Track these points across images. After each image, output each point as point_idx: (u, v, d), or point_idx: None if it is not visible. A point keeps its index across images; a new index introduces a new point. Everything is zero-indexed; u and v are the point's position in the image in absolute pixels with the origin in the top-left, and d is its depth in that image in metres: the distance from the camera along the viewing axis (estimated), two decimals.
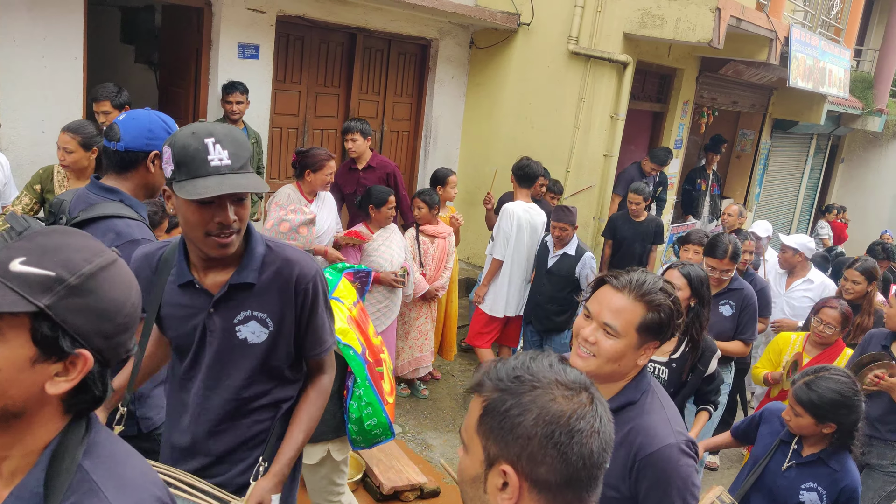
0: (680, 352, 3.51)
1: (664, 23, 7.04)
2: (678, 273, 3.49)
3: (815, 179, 14.92)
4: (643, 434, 1.90)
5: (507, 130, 7.78)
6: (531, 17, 7.45)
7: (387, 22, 6.76)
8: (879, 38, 14.09)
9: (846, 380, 2.81)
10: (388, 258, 4.98)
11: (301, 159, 4.79)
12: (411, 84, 7.52)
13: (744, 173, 11.77)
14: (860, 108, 12.88)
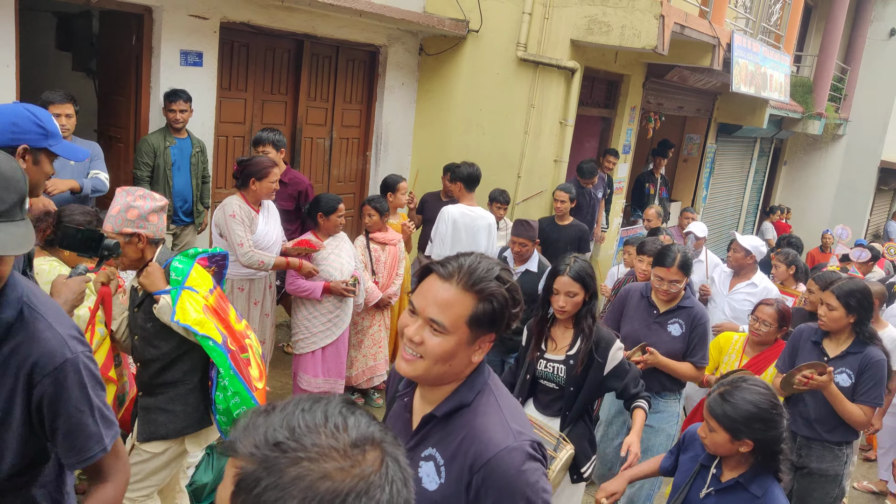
0: (576, 348, 3.35)
1: (610, 29, 7.12)
2: (568, 278, 3.30)
3: (760, 181, 15.27)
4: (477, 440, 1.66)
5: (459, 137, 7.76)
6: (480, 23, 7.45)
7: (334, 28, 6.69)
8: (818, 44, 14.51)
9: (764, 391, 2.52)
10: (337, 267, 4.90)
11: (244, 168, 4.68)
12: (361, 91, 7.45)
13: (691, 177, 11.98)
14: (801, 112, 13.23)
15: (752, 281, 5.68)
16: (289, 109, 6.77)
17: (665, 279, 3.98)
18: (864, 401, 3.76)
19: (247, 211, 4.65)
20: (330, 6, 5.90)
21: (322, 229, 4.96)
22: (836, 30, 13.85)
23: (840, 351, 3.86)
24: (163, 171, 5.44)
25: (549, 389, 3.44)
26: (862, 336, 3.82)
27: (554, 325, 3.46)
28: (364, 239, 5.42)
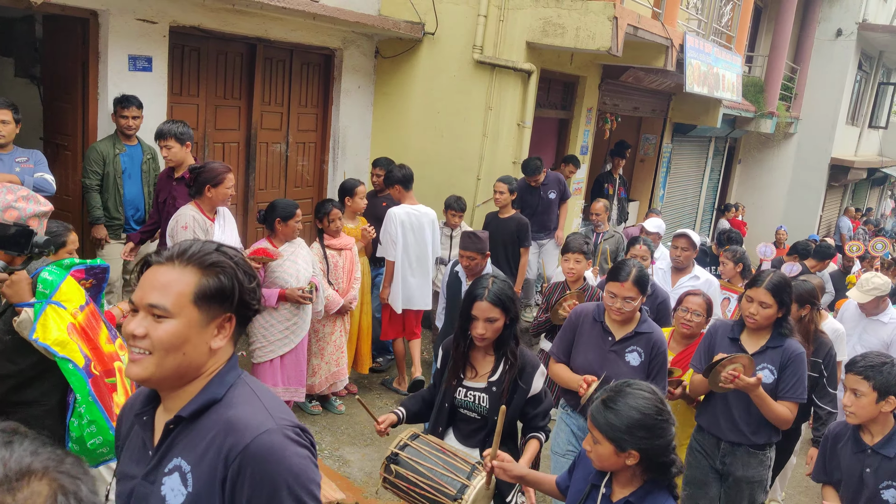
0: (499, 373, 3.09)
1: (565, 31, 7.14)
2: (487, 304, 3.02)
3: (715, 180, 15.51)
4: (231, 430, 1.49)
5: (417, 140, 7.73)
6: (435, 26, 7.43)
7: (288, 32, 6.60)
8: (768, 44, 14.79)
9: (650, 396, 2.29)
10: (293, 273, 4.82)
11: (197, 175, 4.58)
12: (316, 94, 7.37)
13: (648, 176, 12.11)
14: (753, 111, 13.47)
15: (693, 274, 5.70)
16: (243, 114, 6.66)
17: (618, 296, 3.53)
18: (788, 397, 3.56)
19: (201, 221, 4.55)
20: (282, 9, 5.81)
21: (279, 235, 4.88)
22: (786, 30, 14.14)
23: (759, 346, 3.64)
24: (113, 180, 5.30)
25: (469, 419, 3.17)
26: (782, 329, 3.63)
27: (473, 349, 3.16)
28: (319, 246, 5.34)
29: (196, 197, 4.59)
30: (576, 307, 3.88)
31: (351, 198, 5.78)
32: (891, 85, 20.55)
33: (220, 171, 4.59)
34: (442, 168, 7.60)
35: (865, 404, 3.08)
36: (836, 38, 16.07)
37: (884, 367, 3.07)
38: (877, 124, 20.38)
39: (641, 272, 3.58)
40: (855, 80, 17.34)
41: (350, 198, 5.78)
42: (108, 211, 5.37)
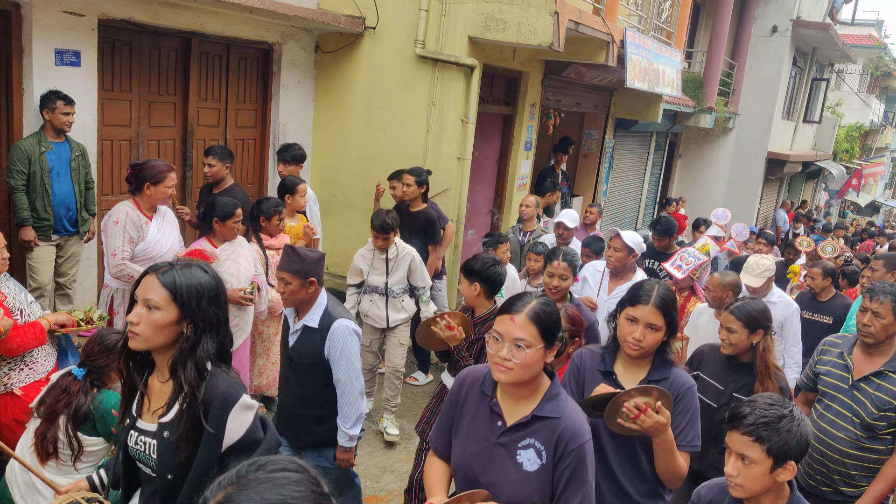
0: (173, 412, 2.10)
1: (507, 26, 7.13)
2: None
3: (657, 174, 15.76)
4: None
5: (359, 135, 7.63)
6: (376, 20, 7.34)
7: (224, 26, 6.43)
8: (706, 40, 15.09)
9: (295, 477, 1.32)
10: (234, 273, 4.69)
11: (138, 172, 4.43)
12: (255, 90, 7.21)
13: (591, 172, 12.22)
14: (692, 106, 13.72)
15: (635, 280, 4.94)
16: (178, 111, 6.48)
17: (504, 338, 2.26)
18: (682, 445, 2.72)
19: (136, 218, 4.40)
20: (218, 2, 5.67)
21: (217, 235, 4.74)
22: (723, 27, 14.44)
23: (640, 379, 2.80)
24: (40, 179, 5.09)
25: (147, 477, 2.20)
26: (665, 356, 2.83)
27: (152, 373, 2.21)
28: (258, 246, 5.21)
29: (135, 194, 4.47)
30: (463, 372, 2.53)
31: (291, 196, 5.66)
32: (824, 81, 21.19)
33: (161, 170, 4.47)
34: (385, 165, 7.52)
35: (757, 475, 2.28)
36: (771, 35, 16.49)
37: (781, 422, 2.28)
38: (811, 119, 20.99)
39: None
40: (790, 76, 17.82)
41: (290, 196, 5.66)
42: (37, 211, 5.15)
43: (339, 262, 8.02)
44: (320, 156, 7.89)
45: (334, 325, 3.47)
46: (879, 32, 30.92)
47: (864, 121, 27.88)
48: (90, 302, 5.42)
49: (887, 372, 3.55)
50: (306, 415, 3.60)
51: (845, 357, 3.72)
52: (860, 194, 27.31)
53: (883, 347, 3.63)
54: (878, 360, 3.61)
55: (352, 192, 7.85)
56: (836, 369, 3.74)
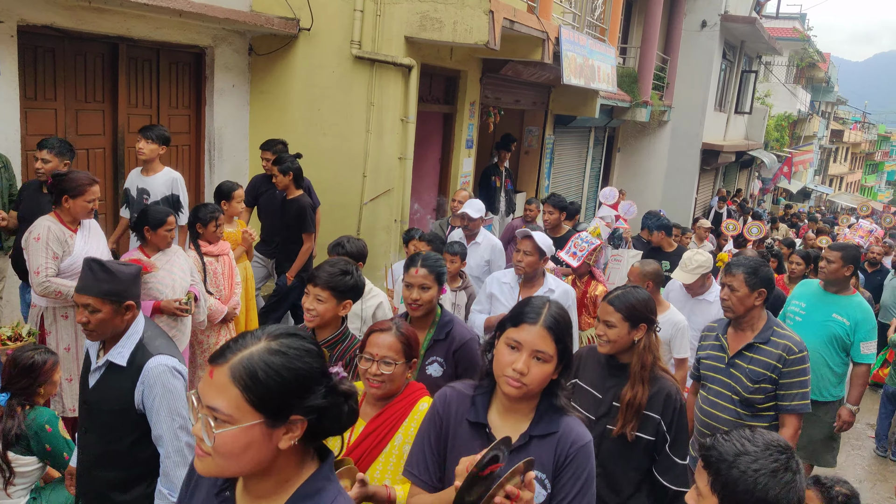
0: None
1: (442, 26, 7.12)
2: None
3: (597, 169, 15.99)
4: None
5: (298, 138, 7.50)
6: (311, 21, 7.23)
7: (152, 30, 6.25)
8: (639, 36, 15.37)
9: None
10: (168, 284, 4.54)
11: (58, 184, 4.26)
12: (187, 95, 7.02)
13: (533, 168, 12.32)
14: (628, 100, 13.95)
15: (548, 287, 4.54)
16: (107, 118, 6.26)
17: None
18: None
19: (58, 233, 4.23)
20: (145, 6, 5.49)
21: (150, 244, 4.59)
22: (655, 22, 14.72)
23: (520, 433, 2.11)
24: None
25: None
26: (554, 400, 2.14)
27: None
28: (196, 253, 5.07)
29: (56, 207, 4.29)
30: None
31: (228, 201, 5.53)
32: (752, 73, 21.82)
33: (81, 183, 4.28)
34: (326, 167, 7.43)
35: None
36: (701, 29, 16.89)
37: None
38: (742, 110, 21.59)
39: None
40: (720, 69, 18.28)
41: (228, 201, 5.53)
42: None
43: None
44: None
45: (149, 363, 2.66)
46: (803, 25, 31.96)
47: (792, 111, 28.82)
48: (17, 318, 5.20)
49: (758, 344, 3.58)
50: (107, 479, 2.72)
51: (720, 338, 3.76)
52: (791, 181, 28.20)
53: (750, 321, 3.64)
54: (749, 334, 3.64)
55: None
56: (714, 351, 3.78)
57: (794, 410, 3.51)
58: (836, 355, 4.98)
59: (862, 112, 54.99)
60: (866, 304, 5.02)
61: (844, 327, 4.91)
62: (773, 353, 3.53)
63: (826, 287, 5.07)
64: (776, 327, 3.61)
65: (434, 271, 3.41)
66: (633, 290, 3.00)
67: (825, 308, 5.02)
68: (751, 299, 3.57)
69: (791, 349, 3.50)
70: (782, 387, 3.50)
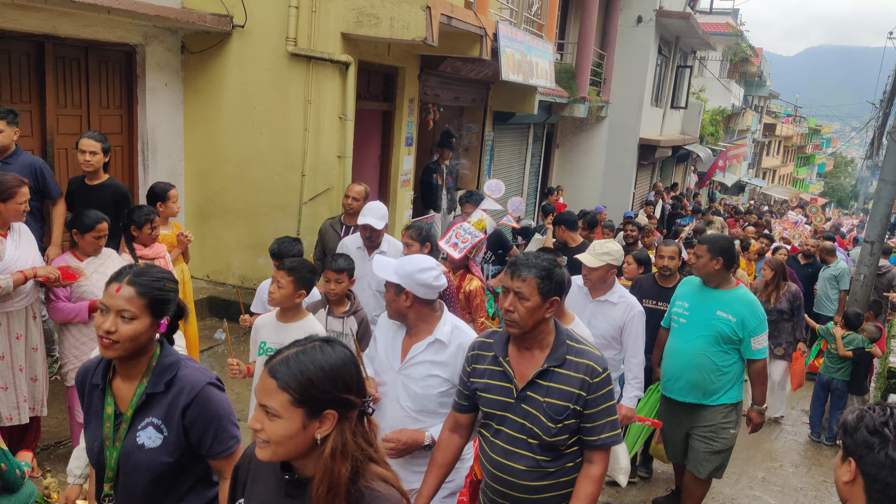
0: None
1: (379, 22, 7.12)
2: None
3: (537, 165, 16.15)
4: None
5: (234, 137, 7.43)
6: (244, 18, 7.16)
7: (79, 28, 6.10)
8: (576, 32, 15.58)
9: None
10: (102, 287, 4.44)
11: None
12: (118, 94, 6.87)
13: (473, 165, 12.39)
14: (566, 97, 14.14)
15: None
16: (35, 119, 6.09)
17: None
18: None
19: None
20: (71, 2, 5.36)
21: (80, 249, 4.49)
22: (592, 18, 14.94)
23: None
24: None
25: None
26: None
27: None
28: (130, 256, 4.98)
29: None
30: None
31: (164, 203, 5.43)
32: (687, 68, 22.32)
33: (10, 185, 4.15)
34: (263, 166, 7.37)
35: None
36: (637, 25, 17.20)
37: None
38: (678, 105, 22.08)
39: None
40: (656, 64, 18.66)
41: (163, 203, 5.43)
42: None
43: (219, 268, 7.80)
44: (193, 159, 7.63)
45: None
46: (735, 20, 32.83)
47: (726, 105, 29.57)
48: None
49: (553, 369, 2.70)
50: None
51: (501, 361, 2.79)
52: (726, 175, 28.98)
53: (538, 338, 2.75)
54: (539, 355, 2.75)
55: (228, 196, 7.63)
56: (496, 380, 2.79)
57: (604, 445, 2.73)
58: (726, 354, 4.51)
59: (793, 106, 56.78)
60: (751, 296, 4.58)
61: (730, 324, 4.45)
62: (573, 377, 2.68)
63: (705, 283, 4.61)
64: (570, 342, 2.76)
65: (147, 294, 2.26)
66: None
67: (708, 305, 4.55)
68: (542, 311, 2.68)
69: (594, 370, 2.69)
70: (589, 418, 2.70)
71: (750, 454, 6.62)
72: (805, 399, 8.10)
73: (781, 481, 6.21)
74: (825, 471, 6.54)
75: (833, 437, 7.11)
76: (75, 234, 4.40)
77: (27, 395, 4.37)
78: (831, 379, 7.23)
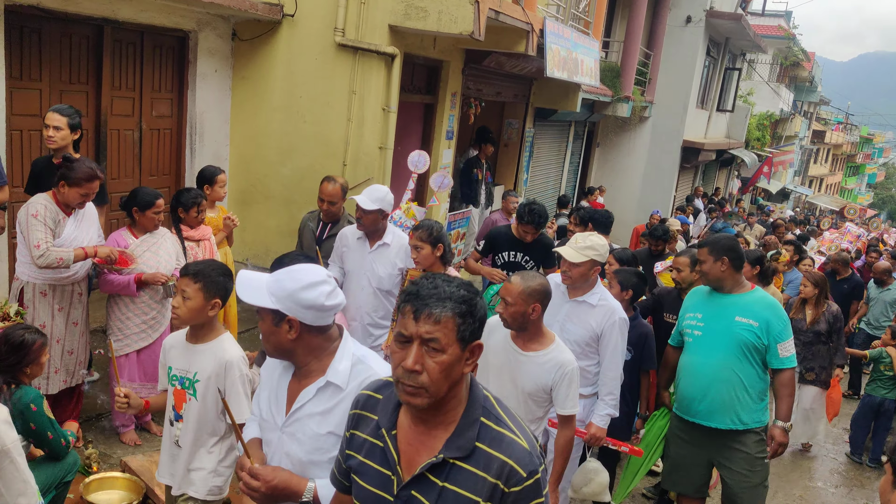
0: None
1: (427, 15, 7.21)
2: None
3: (576, 163, 16.11)
4: None
5: (278, 125, 7.59)
6: (295, 8, 7.30)
7: (137, 13, 6.30)
8: (623, 30, 15.49)
9: None
10: (153, 266, 4.62)
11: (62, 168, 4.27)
12: (170, 79, 7.08)
13: (512, 161, 12.44)
14: (610, 95, 14.08)
15: None
16: (91, 100, 6.32)
17: None
18: None
19: (53, 212, 4.29)
20: None
21: (138, 225, 4.68)
22: (640, 17, 14.84)
23: None
24: None
25: None
26: None
27: None
28: (177, 237, 5.15)
29: (53, 187, 4.33)
30: None
31: (210, 186, 5.61)
32: (736, 70, 21.99)
33: (80, 176, 4.22)
34: (306, 154, 7.52)
35: None
36: (685, 25, 17.00)
37: None
38: (724, 108, 21.78)
39: None
40: (704, 66, 18.44)
41: (210, 186, 5.61)
42: None
43: (259, 253, 7.98)
44: (238, 146, 7.81)
45: None
46: (788, 23, 32.23)
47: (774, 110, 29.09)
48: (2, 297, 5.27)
49: (453, 461, 1.75)
50: None
51: (385, 436, 1.85)
52: (771, 181, 28.52)
53: (443, 408, 1.78)
54: (440, 435, 1.79)
55: (270, 183, 7.80)
56: (374, 461, 1.87)
57: None
58: (752, 367, 4.08)
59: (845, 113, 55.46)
60: (770, 298, 4.18)
61: (753, 330, 4.03)
62: (479, 479, 1.73)
63: (717, 289, 4.22)
64: (486, 420, 1.79)
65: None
66: None
67: (724, 312, 4.14)
68: (460, 366, 1.76)
69: (514, 472, 1.73)
70: None
71: (787, 471, 6.54)
72: (843, 417, 7.84)
73: (820, 501, 6.11)
74: (868, 493, 6.38)
75: (877, 458, 6.91)
76: (135, 212, 4.59)
77: (60, 366, 4.55)
78: (883, 400, 6.97)
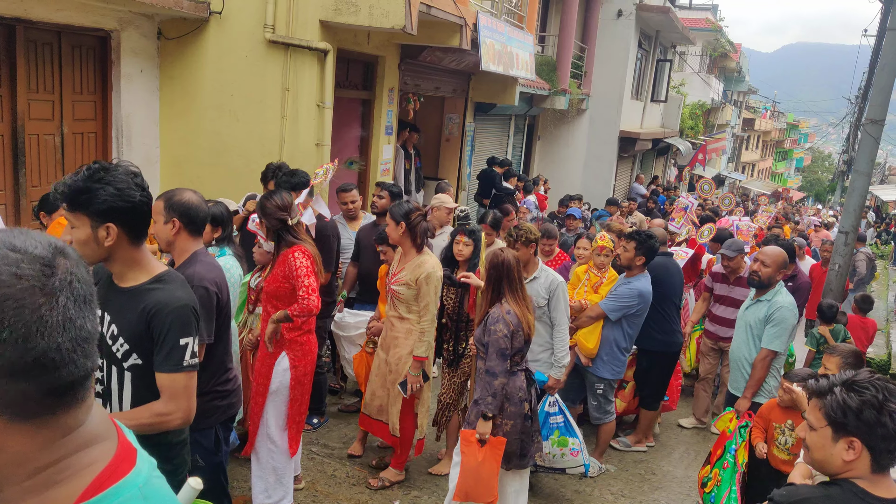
0: None
1: (358, 10, 7.07)
2: None
3: (518, 157, 16.16)
4: None
5: (210, 124, 7.34)
6: (222, 5, 7.06)
7: (52, 12, 5.98)
8: (557, 24, 15.58)
9: None
10: None
11: None
12: (93, 80, 6.76)
13: (454, 155, 12.37)
14: (547, 88, 14.15)
15: None
16: (5, 104, 5.97)
17: None
18: None
19: None
20: None
21: (49, 232, 4.42)
22: (572, 11, 14.95)
23: None
24: None
25: None
26: None
27: None
28: None
29: None
30: None
31: None
32: (667, 62, 22.43)
33: None
34: (240, 153, 7.29)
35: None
36: (617, 19, 17.24)
37: None
38: (658, 98, 22.18)
39: None
40: (636, 58, 18.73)
41: None
42: None
43: None
44: (169, 147, 7.52)
45: None
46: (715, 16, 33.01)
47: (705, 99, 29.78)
48: None
49: None
50: None
51: None
52: (706, 168, 29.15)
53: None
54: None
55: (204, 183, 7.53)
56: None
57: None
58: None
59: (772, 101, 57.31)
60: None
61: None
62: None
63: None
64: None
65: None
66: None
67: None
68: None
69: None
70: None
71: None
72: None
73: None
74: None
75: None
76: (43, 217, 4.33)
77: None
78: None
